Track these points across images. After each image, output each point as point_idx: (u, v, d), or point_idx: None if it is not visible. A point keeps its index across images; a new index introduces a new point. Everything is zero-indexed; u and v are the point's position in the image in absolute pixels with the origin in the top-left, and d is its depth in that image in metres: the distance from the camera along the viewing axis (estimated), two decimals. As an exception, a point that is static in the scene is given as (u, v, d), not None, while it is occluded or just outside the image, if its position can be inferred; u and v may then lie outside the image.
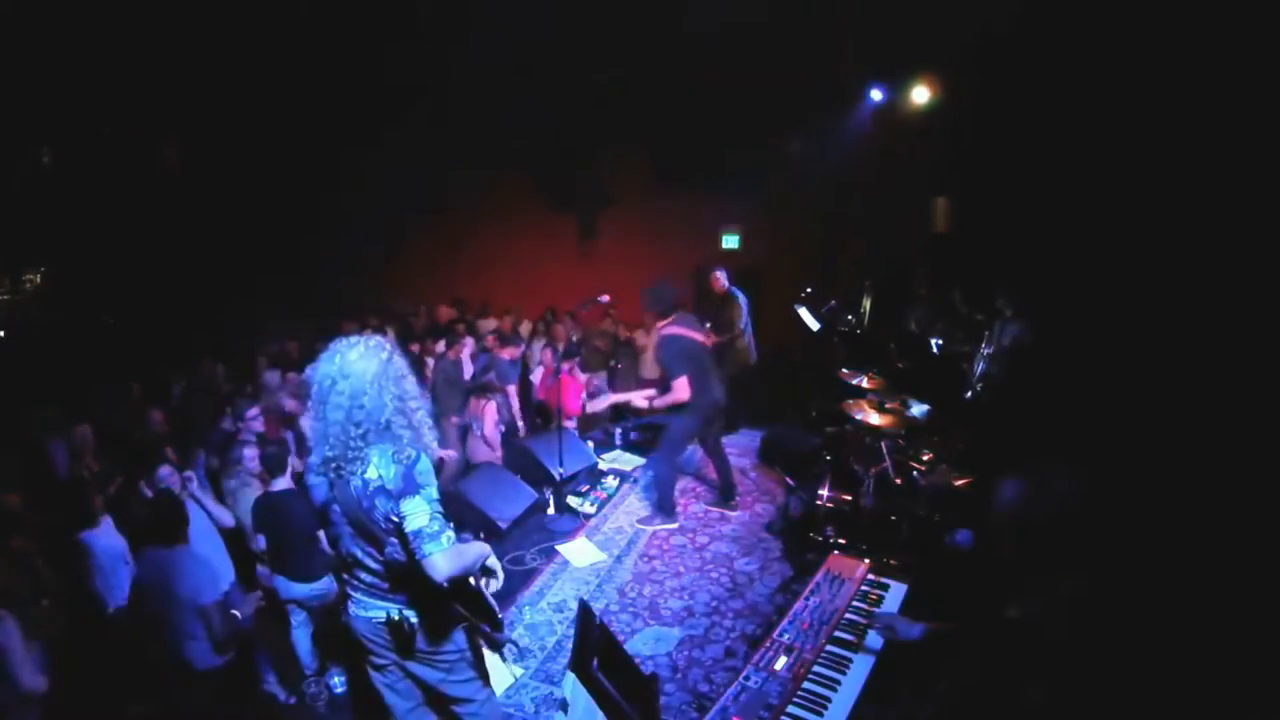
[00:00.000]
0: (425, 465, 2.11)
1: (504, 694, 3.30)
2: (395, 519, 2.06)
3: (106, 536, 3.74)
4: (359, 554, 2.20)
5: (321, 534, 3.70)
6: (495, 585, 2.45)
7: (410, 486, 2.05)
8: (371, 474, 2.07)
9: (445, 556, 2.04)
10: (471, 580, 2.34)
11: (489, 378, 5.64)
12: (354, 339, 2.19)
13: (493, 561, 2.40)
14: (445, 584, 2.06)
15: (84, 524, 3.71)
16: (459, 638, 2.34)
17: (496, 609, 2.39)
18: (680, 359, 4.60)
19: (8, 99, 7.21)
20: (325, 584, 3.67)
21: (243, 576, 4.01)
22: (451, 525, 2.11)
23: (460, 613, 2.24)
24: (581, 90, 7.95)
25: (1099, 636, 1.62)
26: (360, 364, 2.10)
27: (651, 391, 5.00)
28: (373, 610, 2.25)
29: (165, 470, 3.95)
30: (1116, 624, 1.66)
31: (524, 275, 9.28)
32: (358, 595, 2.28)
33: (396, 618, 2.21)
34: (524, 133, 8.76)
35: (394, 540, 2.13)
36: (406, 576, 2.16)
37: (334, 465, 2.12)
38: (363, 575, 2.24)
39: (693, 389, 4.58)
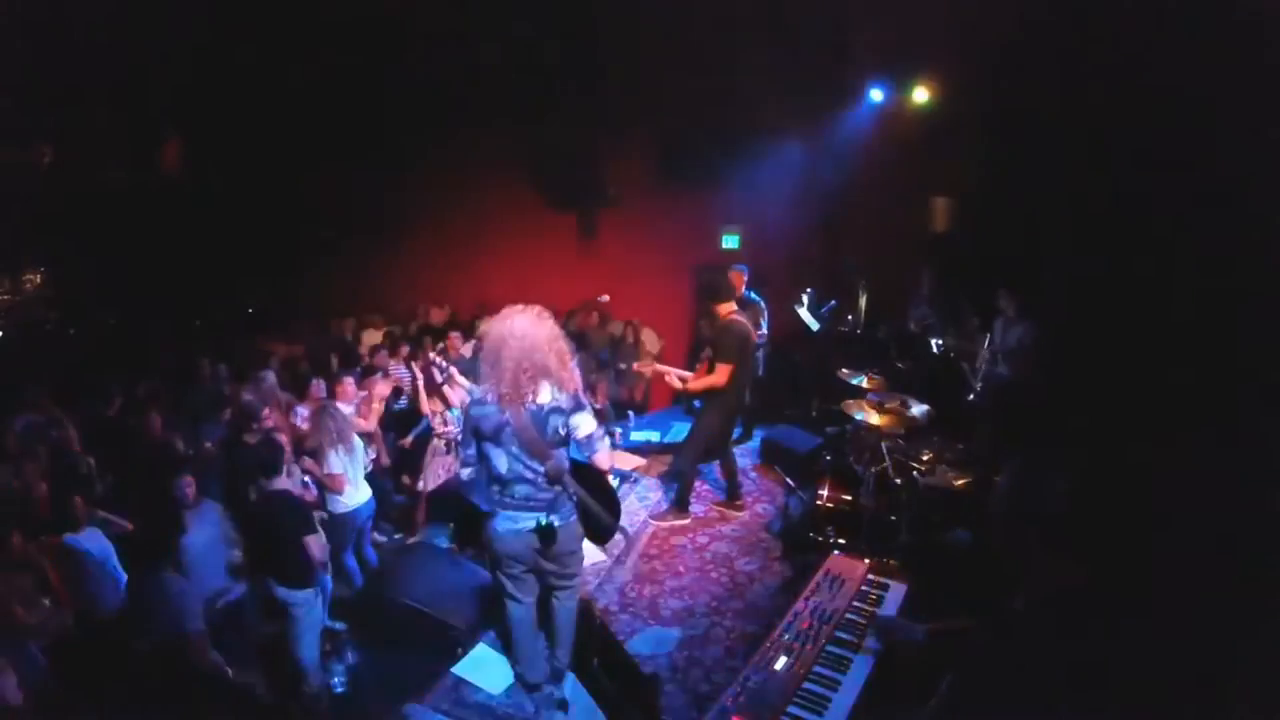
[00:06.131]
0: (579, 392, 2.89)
1: (503, 694, 3.30)
2: (564, 431, 2.81)
3: (90, 540, 3.69)
4: (521, 469, 2.82)
5: (310, 541, 3.51)
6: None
7: (579, 404, 2.84)
8: (546, 398, 2.77)
9: (607, 453, 2.99)
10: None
11: None
12: (522, 307, 2.85)
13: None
14: (611, 473, 2.97)
15: (67, 526, 3.67)
16: (580, 544, 3.09)
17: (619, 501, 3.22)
18: (736, 348, 4.65)
19: (8, 98, 7.21)
20: (307, 595, 3.55)
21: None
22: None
23: (590, 502, 2.95)
24: (582, 90, 7.95)
25: (1093, 630, 1.62)
26: (529, 327, 2.78)
27: (688, 374, 5.01)
28: (523, 521, 2.88)
29: (184, 480, 3.86)
30: (1112, 618, 1.66)
31: (524, 275, 9.26)
32: (509, 512, 2.90)
33: (544, 523, 2.86)
34: (524, 132, 8.76)
35: (557, 451, 2.83)
36: (557, 484, 2.84)
37: (508, 398, 2.74)
38: (519, 490, 2.85)
39: (730, 381, 4.64)
